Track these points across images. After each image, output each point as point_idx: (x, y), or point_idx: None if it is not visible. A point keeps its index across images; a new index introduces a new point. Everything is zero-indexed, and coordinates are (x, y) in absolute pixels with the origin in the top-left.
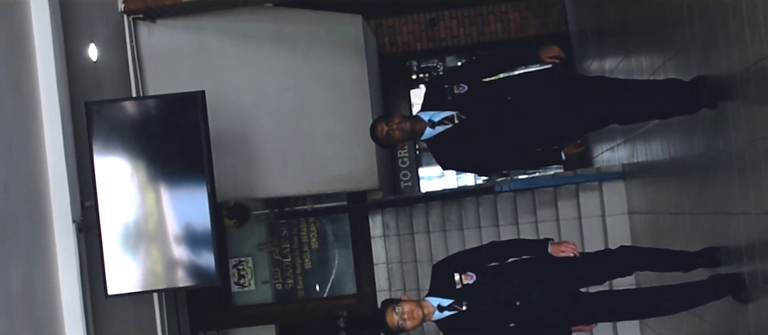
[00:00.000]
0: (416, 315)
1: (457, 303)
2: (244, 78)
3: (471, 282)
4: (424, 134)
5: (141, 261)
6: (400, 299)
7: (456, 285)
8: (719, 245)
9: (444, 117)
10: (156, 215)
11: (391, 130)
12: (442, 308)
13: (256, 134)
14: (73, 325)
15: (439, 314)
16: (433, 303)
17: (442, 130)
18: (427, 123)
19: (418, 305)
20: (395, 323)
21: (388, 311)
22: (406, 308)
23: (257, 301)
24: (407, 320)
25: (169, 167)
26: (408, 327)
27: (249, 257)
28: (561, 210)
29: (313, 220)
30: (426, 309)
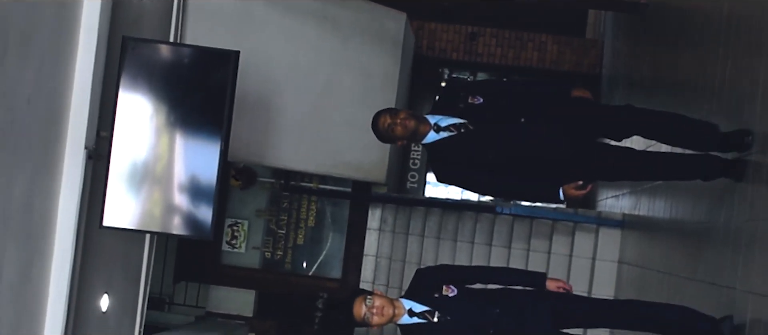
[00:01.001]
0: (386, 312)
1: (429, 313)
2: (280, 48)
3: (450, 296)
4: (427, 137)
5: (141, 200)
6: (373, 292)
7: (434, 294)
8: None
9: (451, 124)
10: (165, 160)
11: (394, 124)
12: (412, 313)
13: (279, 104)
14: (63, 246)
15: (407, 318)
16: (405, 305)
17: (446, 136)
18: (432, 126)
19: (390, 303)
20: (361, 315)
21: (358, 301)
22: (377, 302)
23: (244, 264)
24: (375, 315)
25: (189, 117)
26: (373, 323)
27: (246, 220)
28: (554, 244)
29: (315, 199)
30: (397, 309)
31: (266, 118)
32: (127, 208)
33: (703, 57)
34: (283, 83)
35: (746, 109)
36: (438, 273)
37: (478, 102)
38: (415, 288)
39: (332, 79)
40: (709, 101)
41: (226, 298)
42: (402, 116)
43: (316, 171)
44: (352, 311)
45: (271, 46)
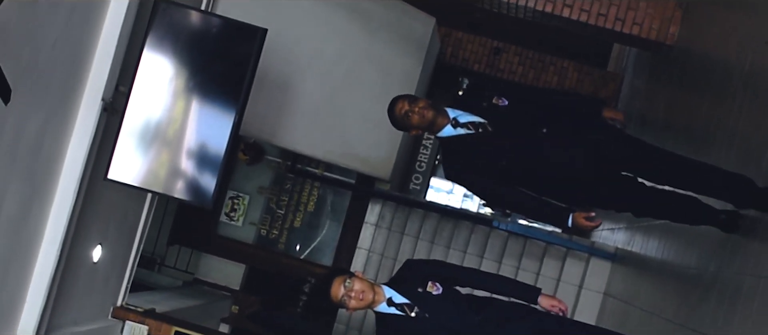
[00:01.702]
0: (364, 297)
1: (408, 306)
2: (308, 33)
3: (434, 294)
4: (443, 130)
5: (149, 159)
6: (354, 273)
7: (418, 288)
8: None
9: (470, 121)
10: (178, 124)
11: (412, 112)
12: (391, 302)
13: (297, 87)
14: (65, 191)
15: (385, 306)
16: (386, 293)
17: (462, 133)
18: (451, 121)
19: (370, 288)
20: (339, 296)
21: (337, 280)
22: (356, 286)
23: (238, 238)
24: (353, 298)
25: (208, 86)
26: (350, 306)
27: (247, 195)
28: (544, 266)
29: (318, 185)
30: (377, 296)
31: (283, 98)
32: (133, 165)
33: (718, 106)
34: (305, 67)
35: (753, 164)
36: (428, 266)
37: (502, 104)
38: (400, 277)
39: (354, 71)
40: (718, 150)
41: (215, 268)
42: (421, 104)
43: (324, 158)
44: (330, 291)
45: (299, 28)
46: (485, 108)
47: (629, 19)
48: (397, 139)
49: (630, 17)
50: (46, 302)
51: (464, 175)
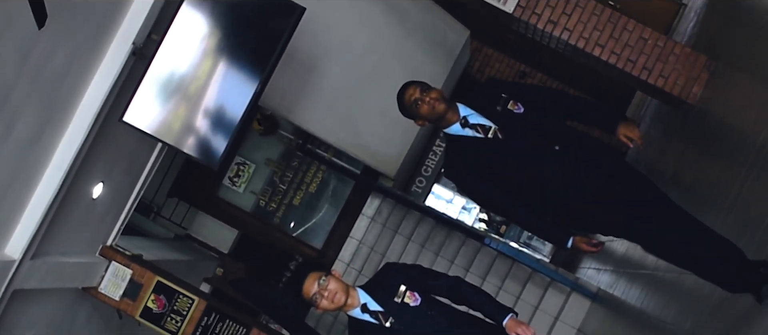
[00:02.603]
0: (337, 299)
1: (383, 315)
2: (343, 21)
3: (411, 305)
4: (451, 127)
5: (166, 110)
6: (332, 273)
7: (395, 297)
8: None
9: (480, 124)
10: (201, 82)
11: (422, 100)
12: (365, 309)
13: (323, 70)
14: (79, 124)
15: (358, 312)
16: (361, 298)
17: (470, 135)
18: (460, 119)
19: (344, 291)
20: (311, 293)
21: (313, 276)
22: (331, 285)
23: (237, 203)
24: (325, 298)
25: (238, 51)
26: (320, 306)
27: (253, 164)
28: (526, 292)
29: (323, 168)
30: (350, 300)
31: (307, 78)
32: (150, 112)
33: (726, 172)
34: (334, 53)
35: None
36: (408, 272)
37: (518, 111)
38: (378, 281)
39: (380, 65)
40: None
41: (209, 228)
42: (433, 95)
43: (335, 144)
44: (302, 286)
45: (336, 14)
46: (499, 112)
47: (656, 70)
48: (409, 140)
49: (657, 69)
50: (39, 227)
51: (464, 176)
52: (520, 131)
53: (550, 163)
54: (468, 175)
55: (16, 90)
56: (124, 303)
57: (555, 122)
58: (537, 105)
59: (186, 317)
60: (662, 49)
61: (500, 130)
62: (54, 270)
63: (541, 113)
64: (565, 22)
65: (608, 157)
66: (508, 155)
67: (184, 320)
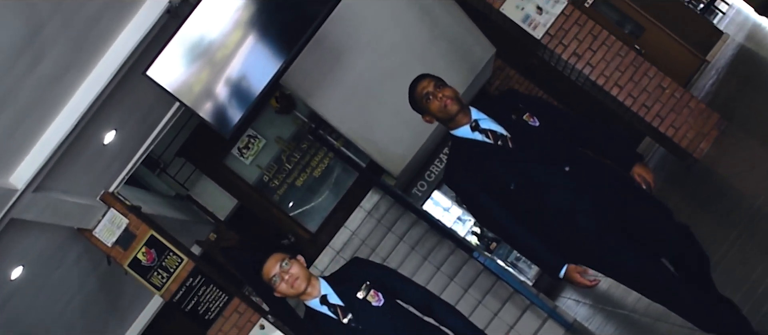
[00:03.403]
0: (297, 285)
1: (342, 310)
2: (377, 17)
3: (373, 304)
4: (459, 129)
5: (190, 72)
6: (297, 258)
7: (358, 293)
8: None
9: (491, 129)
10: (229, 51)
11: (434, 95)
12: (324, 301)
13: (347, 61)
14: (103, 70)
15: (317, 303)
16: (322, 289)
17: (479, 140)
18: (471, 122)
19: (306, 279)
20: (271, 274)
21: (276, 257)
22: (293, 270)
23: (241, 174)
24: (284, 281)
25: (269, 28)
26: (277, 289)
27: (264, 139)
28: (504, 310)
29: (331, 155)
30: (310, 288)
31: (331, 66)
32: (174, 71)
33: (718, 229)
34: (362, 46)
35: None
36: (376, 271)
37: (533, 124)
38: (343, 275)
39: (404, 66)
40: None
41: (210, 193)
42: (447, 92)
43: (346, 134)
44: (263, 266)
45: (370, 8)
46: (513, 122)
47: (669, 120)
48: (418, 143)
49: (670, 119)
50: (47, 162)
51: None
52: (532, 143)
53: (559, 184)
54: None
55: (48, 26)
56: (115, 251)
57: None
58: (554, 124)
59: (172, 275)
60: (678, 100)
61: (512, 139)
62: (53, 206)
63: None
64: (590, 58)
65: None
66: (515, 165)
67: (170, 277)
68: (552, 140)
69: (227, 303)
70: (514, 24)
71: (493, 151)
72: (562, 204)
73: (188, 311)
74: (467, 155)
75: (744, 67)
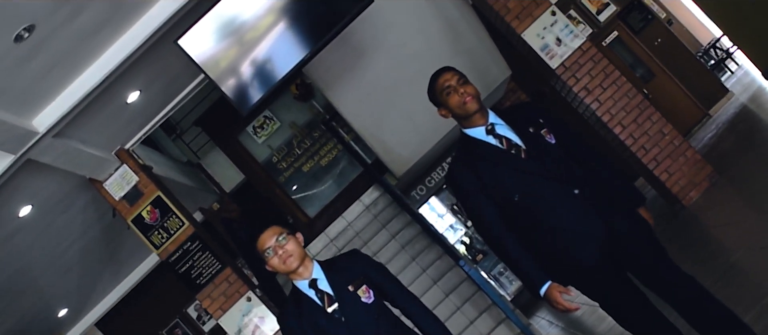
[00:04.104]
0: (289, 263)
1: (329, 298)
2: (403, 23)
3: (362, 300)
4: (473, 129)
5: (219, 47)
6: (295, 234)
7: (349, 286)
8: None
9: (506, 136)
10: (259, 33)
11: (455, 90)
12: (313, 285)
13: (369, 61)
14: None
15: (304, 285)
16: (314, 272)
17: (491, 144)
18: (487, 125)
19: (300, 258)
20: (265, 245)
21: (273, 229)
22: (289, 246)
23: (252, 152)
24: (277, 256)
25: (301, 17)
26: (269, 263)
27: (279, 122)
28: (479, 320)
29: (340, 147)
30: (302, 269)
31: (354, 63)
32: (204, 44)
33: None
34: (385, 48)
35: None
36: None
37: (549, 140)
38: (339, 263)
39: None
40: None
41: (220, 165)
42: (469, 89)
43: (357, 129)
44: (258, 237)
45: (399, 14)
46: (530, 134)
47: (664, 165)
48: (425, 149)
49: (665, 164)
50: (71, 111)
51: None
52: (546, 159)
53: (566, 205)
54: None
55: None
56: (121, 205)
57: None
58: (568, 148)
59: (172, 236)
60: (676, 148)
61: (525, 151)
62: (70, 153)
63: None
64: (599, 94)
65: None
66: (524, 177)
67: (170, 238)
68: (565, 160)
69: (219, 271)
70: (533, 51)
71: (505, 158)
72: (565, 225)
73: (182, 273)
74: (475, 156)
75: (743, 126)
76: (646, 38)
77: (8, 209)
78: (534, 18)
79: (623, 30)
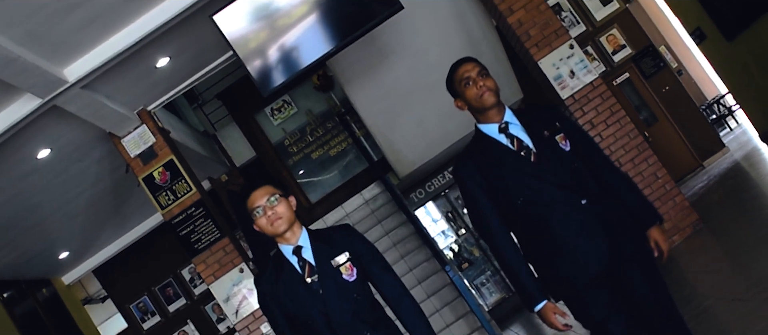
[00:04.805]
0: (276, 226)
1: (310, 269)
2: (427, 33)
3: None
4: (486, 125)
5: (251, 29)
6: (288, 197)
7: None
8: None
9: (518, 137)
10: (290, 21)
11: (474, 81)
12: (297, 252)
13: (390, 64)
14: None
15: (288, 250)
16: (301, 238)
17: (502, 142)
18: (501, 123)
19: (289, 222)
20: (255, 205)
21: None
22: (279, 209)
23: (266, 131)
24: (264, 217)
25: (331, 12)
26: (256, 222)
27: (296, 108)
28: (456, 325)
29: (350, 141)
30: (289, 234)
31: (376, 64)
32: (237, 23)
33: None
34: (408, 54)
35: None
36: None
37: (563, 147)
38: (328, 235)
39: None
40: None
41: (234, 139)
42: (489, 83)
43: (368, 126)
44: (249, 194)
45: (425, 25)
46: (544, 138)
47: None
48: (430, 155)
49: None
50: (102, 66)
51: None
52: (556, 165)
53: (570, 214)
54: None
55: None
56: (135, 162)
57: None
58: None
59: (178, 200)
60: (667, 192)
61: (536, 154)
62: (95, 106)
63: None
64: (602, 130)
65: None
66: (530, 181)
67: (176, 201)
68: (577, 169)
69: (218, 239)
70: (546, 79)
71: (513, 159)
72: (567, 236)
73: (182, 236)
74: (484, 154)
75: (733, 182)
76: (655, 84)
77: (28, 149)
78: (552, 48)
79: (635, 73)
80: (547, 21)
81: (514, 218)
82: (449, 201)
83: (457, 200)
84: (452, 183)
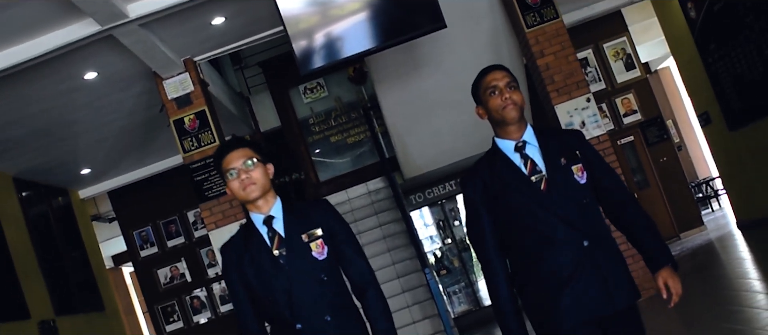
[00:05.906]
0: (248, 191)
1: (279, 241)
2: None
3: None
4: (504, 141)
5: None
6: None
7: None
8: None
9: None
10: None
11: (500, 92)
12: (268, 221)
13: (422, 74)
14: None
15: (258, 219)
16: (273, 209)
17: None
18: (519, 141)
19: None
20: (229, 166)
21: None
22: (254, 174)
23: (295, 107)
24: (237, 180)
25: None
26: (229, 184)
27: (326, 92)
28: (421, 324)
29: (368, 133)
30: (262, 202)
31: (408, 71)
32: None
33: None
34: (440, 70)
35: None
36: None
37: (579, 179)
38: (303, 209)
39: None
40: None
41: (264, 106)
42: (516, 97)
43: (388, 125)
44: (226, 153)
45: (463, 47)
46: (560, 166)
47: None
48: (437, 164)
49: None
50: (163, 10)
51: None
52: (566, 198)
53: (568, 252)
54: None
55: None
56: (170, 105)
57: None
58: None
59: (201, 148)
60: None
61: (548, 181)
62: (147, 44)
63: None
64: None
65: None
66: (537, 209)
67: (198, 149)
68: (587, 206)
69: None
70: (558, 123)
71: (520, 182)
72: (561, 274)
73: (196, 181)
74: (494, 170)
75: (703, 258)
76: (655, 152)
77: (77, 69)
78: (571, 97)
79: (639, 138)
80: (572, 71)
81: (510, 243)
82: (443, 211)
83: (450, 212)
84: (450, 195)
